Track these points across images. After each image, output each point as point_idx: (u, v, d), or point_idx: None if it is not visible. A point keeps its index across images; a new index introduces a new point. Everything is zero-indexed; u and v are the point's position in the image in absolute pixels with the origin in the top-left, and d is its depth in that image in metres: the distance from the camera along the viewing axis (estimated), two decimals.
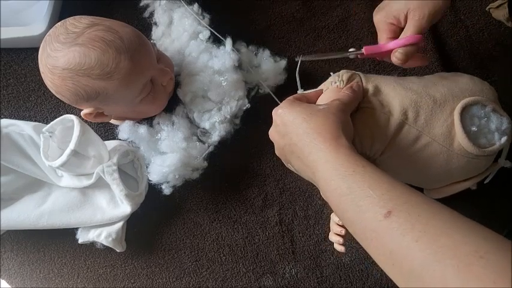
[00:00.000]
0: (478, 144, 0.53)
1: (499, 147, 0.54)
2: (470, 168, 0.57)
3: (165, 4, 0.70)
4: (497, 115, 0.54)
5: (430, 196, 0.63)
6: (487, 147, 0.54)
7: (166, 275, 0.66)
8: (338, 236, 0.57)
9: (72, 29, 0.54)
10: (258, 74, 0.69)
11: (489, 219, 0.67)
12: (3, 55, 0.72)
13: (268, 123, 0.70)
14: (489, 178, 0.60)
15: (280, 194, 0.68)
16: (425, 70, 0.71)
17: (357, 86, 0.54)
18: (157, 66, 0.60)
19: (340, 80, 0.55)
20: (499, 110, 0.54)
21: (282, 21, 0.74)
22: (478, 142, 0.53)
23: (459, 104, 0.53)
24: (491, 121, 0.54)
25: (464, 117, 0.53)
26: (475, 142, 0.53)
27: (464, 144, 0.53)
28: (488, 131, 0.54)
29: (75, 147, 0.56)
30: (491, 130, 0.54)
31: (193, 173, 0.64)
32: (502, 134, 0.54)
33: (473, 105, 0.54)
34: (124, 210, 0.61)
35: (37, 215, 0.61)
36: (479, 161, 0.55)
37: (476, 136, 0.53)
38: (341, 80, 0.55)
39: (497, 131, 0.54)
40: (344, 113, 0.49)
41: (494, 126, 0.54)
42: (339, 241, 0.57)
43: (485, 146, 0.54)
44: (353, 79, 0.55)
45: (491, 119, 0.54)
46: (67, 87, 0.55)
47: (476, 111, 0.54)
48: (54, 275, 0.66)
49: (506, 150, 0.57)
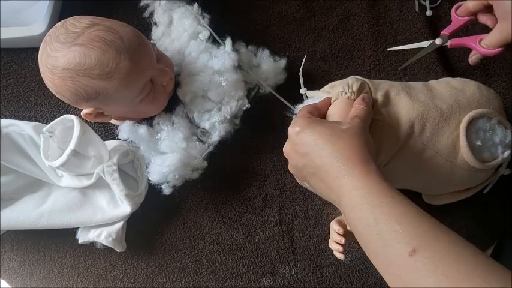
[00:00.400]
0: (481, 158, 0.53)
1: (501, 161, 0.54)
2: (472, 180, 0.57)
3: (165, 4, 0.70)
4: (502, 128, 0.54)
5: (428, 202, 0.63)
6: (489, 161, 0.54)
7: (166, 275, 0.66)
8: (338, 245, 0.56)
9: (72, 29, 0.54)
10: (258, 74, 0.69)
11: (485, 225, 0.67)
12: (3, 55, 0.72)
13: (268, 123, 0.70)
14: (488, 187, 0.60)
15: (280, 194, 0.68)
16: (429, 72, 0.71)
17: (368, 98, 0.52)
18: (157, 66, 0.60)
19: (350, 90, 0.53)
20: (504, 122, 0.54)
21: (282, 21, 0.74)
22: (481, 156, 0.53)
23: (465, 118, 0.53)
24: (495, 134, 0.54)
25: (469, 130, 0.53)
26: (478, 156, 0.53)
27: (468, 158, 0.52)
28: (492, 144, 0.54)
29: (75, 147, 0.56)
30: (495, 143, 0.54)
31: (193, 173, 0.64)
32: (505, 148, 0.54)
33: (479, 118, 0.53)
34: (124, 210, 0.61)
35: (37, 215, 0.61)
36: (481, 173, 0.55)
37: (480, 150, 0.53)
38: (351, 91, 0.53)
39: (500, 144, 0.54)
40: (366, 132, 0.48)
41: (499, 139, 0.54)
42: (338, 249, 0.56)
43: (488, 160, 0.54)
44: (363, 88, 0.53)
45: (496, 132, 0.54)
46: (67, 87, 0.55)
47: (482, 125, 0.53)
48: (54, 275, 0.66)
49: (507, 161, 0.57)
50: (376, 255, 0.40)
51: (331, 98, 0.55)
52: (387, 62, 0.72)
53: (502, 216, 0.67)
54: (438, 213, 0.64)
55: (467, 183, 0.58)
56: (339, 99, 0.54)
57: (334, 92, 0.54)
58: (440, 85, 0.57)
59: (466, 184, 0.59)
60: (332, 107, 0.54)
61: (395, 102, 0.54)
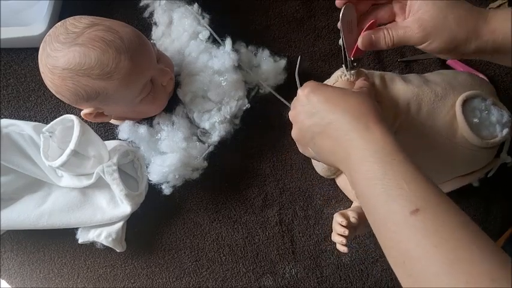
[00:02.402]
0: (480, 136, 0.53)
1: (501, 139, 0.54)
2: (473, 160, 0.57)
3: (165, 4, 0.70)
4: (497, 108, 0.55)
5: None
6: (489, 139, 0.54)
7: (166, 275, 0.66)
8: (341, 237, 0.56)
9: (72, 29, 0.54)
10: (258, 74, 0.69)
11: (487, 219, 0.67)
12: (3, 55, 0.72)
13: (268, 123, 0.70)
14: (491, 172, 0.60)
15: (280, 194, 0.68)
16: (425, 68, 0.72)
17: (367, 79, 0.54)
18: (157, 66, 0.60)
19: (349, 73, 0.54)
20: (498, 104, 0.55)
21: (282, 21, 0.74)
22: (480, 134, 0.54)
23: (460, 97, 0.53)
24: (491, 114, 0.54)
25: (465, 109, 0.53)
26: (477, 134, 0.53)
27: (468, 135, 0.53)
28: (489, 123, 0.54)
29: (75, 147, 0.56)
30: (492, 122, 0.54)
31: (193, 173, 0.64)
32: (503, 126, 0.54)
33: (473, 98, 0.54)
34: (124, 210, 0.61)
35: (37, 215, 0.61)
36: (482, 153, 0.55)
37: (478, 128, 0.54)
38: (350, 73, 0.54)
39: (498, 123, 0.54)
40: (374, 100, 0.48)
41: (495, 118, 0.54)
42: (342, 241, 0.56)
43: (488, 138, 0.54)
44: (360, 73, 0.55)
45: (491, 112, 0.54)
46: (67, 87, 0.55)
47: (477, 104, 0.54)
48: (54, 275, 0.66)
49: (507, 144, 0.58)
50: (376, 210, 0.40)
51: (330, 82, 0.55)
52: (387, 62, 0.73)
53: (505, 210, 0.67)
54: None
55: (470, 164, 0.58)
56: (338, 82, 0.55)
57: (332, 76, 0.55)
58: (433, 74, 0.59)
59: (468, 166, 0.59)
60: None
61: (390, 85, 0.55)
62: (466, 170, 0.59)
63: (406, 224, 0.36)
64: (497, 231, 0.67)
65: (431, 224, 0.35)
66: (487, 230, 0.65)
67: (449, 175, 0.60)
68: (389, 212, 0.38)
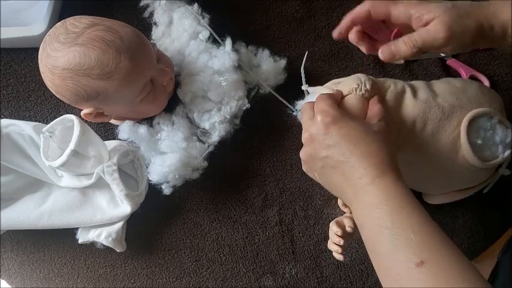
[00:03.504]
0: (482, 157, 0.53)
1: (501, 161, 0.54)
2: (472, 178, 0.57)
3: (165, 4, 0.70)
4: (503, 127, 0.54)
5: (427, 201, 0.63)
6: (490, 160, 0.54)
7: (166, 275, 0.66)
8: (337, 246, 0.56)
9: (72, 29, 0.54)
10: (258, 74, 0.69)
11: (485, 226, 0.67)
12: (3, 55, 0.72)
13: (268, 123, 0.70)
14: (488, 187, 0.60)
15: (280, 194, 0.68)
16: (429, 74, 0.71)
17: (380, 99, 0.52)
18: (157, 66, 0.60)
19: (364, 88, 0.52)
20: (504, 122, 0.54)
21: (282, 21, 0.74)
22: (482, 155, 0.53)
23: (466, 116, 0.53)
24: (496, 133, 0.54)
25: (470, 129, 0.53)
26: (479, 155, 0.53)
27: (469, 157, 0.52)
28: (492, 143, 0.54)
29: (75, 147, 0.56)
30: (495, 142, 0.54)
31: (193, 173, 0.64)
32: (506, 147, 0.54)
33: (480, 117, 0.53)
34: (124, 210, 0.61)
35: (37, 215, 0.61)
36: (482, 172, 0.55)
37: (480, 149, 0.53)
38: (366, 88, 0.52)
39: (501, 143, 0.54)
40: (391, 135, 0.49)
41: (499, 138, 0.54)
42: (337, 250, 0.56)
43: (489, 159, 0.54)
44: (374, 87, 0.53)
45: (496, 131, 0.54)
46: (67, 87, 0.55)
47: (483, 123, 0.53)
48: (54, 275, 0.66)
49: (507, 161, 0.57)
50: (381, 258, 0.41)
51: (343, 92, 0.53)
52: (387, 62, 0.72)
53: (502, 216, 0.67)
54: (438, 213, 0.65)
55: (468, 182, 0.58)
56: (351, 95, 0.52)
57: (345, 86, 0.53)
58: (442, 84, 0.57)
59: (466, 183, 0.58)
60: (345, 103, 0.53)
61: (399, 100, 0.54)
62: (463, 185, 0.59)
63: (410, 275, 0.38)
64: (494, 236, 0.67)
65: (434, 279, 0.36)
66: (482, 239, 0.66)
67: (446, 189, 0.61)
68: (394, 261, 0.39)
